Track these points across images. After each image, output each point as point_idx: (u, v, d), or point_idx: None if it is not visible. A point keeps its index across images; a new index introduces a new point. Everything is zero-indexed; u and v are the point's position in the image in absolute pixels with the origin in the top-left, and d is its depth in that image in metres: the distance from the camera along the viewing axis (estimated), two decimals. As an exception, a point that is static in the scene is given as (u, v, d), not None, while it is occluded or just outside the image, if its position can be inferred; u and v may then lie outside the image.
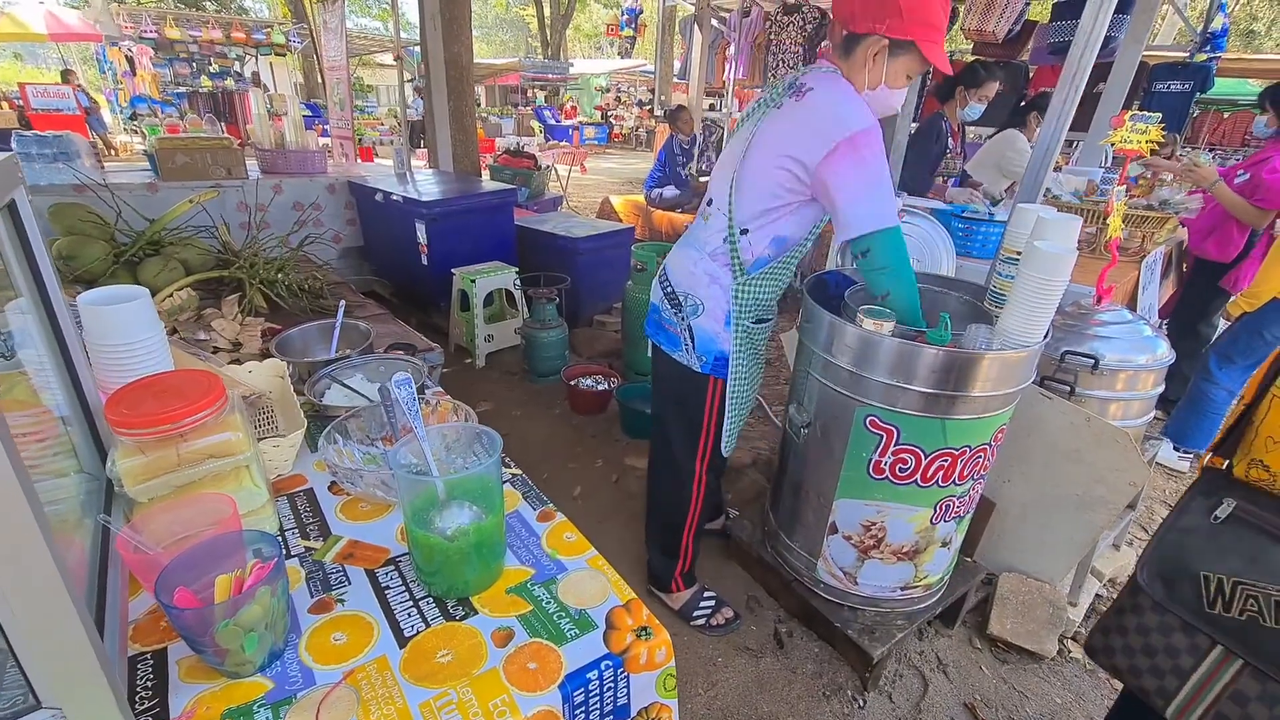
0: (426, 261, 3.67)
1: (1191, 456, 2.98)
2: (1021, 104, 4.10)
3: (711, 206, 1.57)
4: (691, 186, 5.69)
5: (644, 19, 9.63)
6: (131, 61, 10.31)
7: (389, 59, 13.70)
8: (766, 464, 2.67)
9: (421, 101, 9.26)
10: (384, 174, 4.46)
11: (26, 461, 0.50)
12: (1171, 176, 3.14)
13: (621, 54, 10.70)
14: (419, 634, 0.83)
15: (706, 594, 1.95)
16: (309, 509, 1.07)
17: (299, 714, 0.71)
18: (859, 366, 1.46)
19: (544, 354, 3.33)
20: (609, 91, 20.70)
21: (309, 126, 4.65)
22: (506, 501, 1.09)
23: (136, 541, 0.76)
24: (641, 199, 5.80)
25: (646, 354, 3.13)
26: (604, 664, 0.82)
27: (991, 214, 2.60)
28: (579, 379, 3.16)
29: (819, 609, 1.77)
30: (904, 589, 1.70)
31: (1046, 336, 1.46)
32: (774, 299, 1.60)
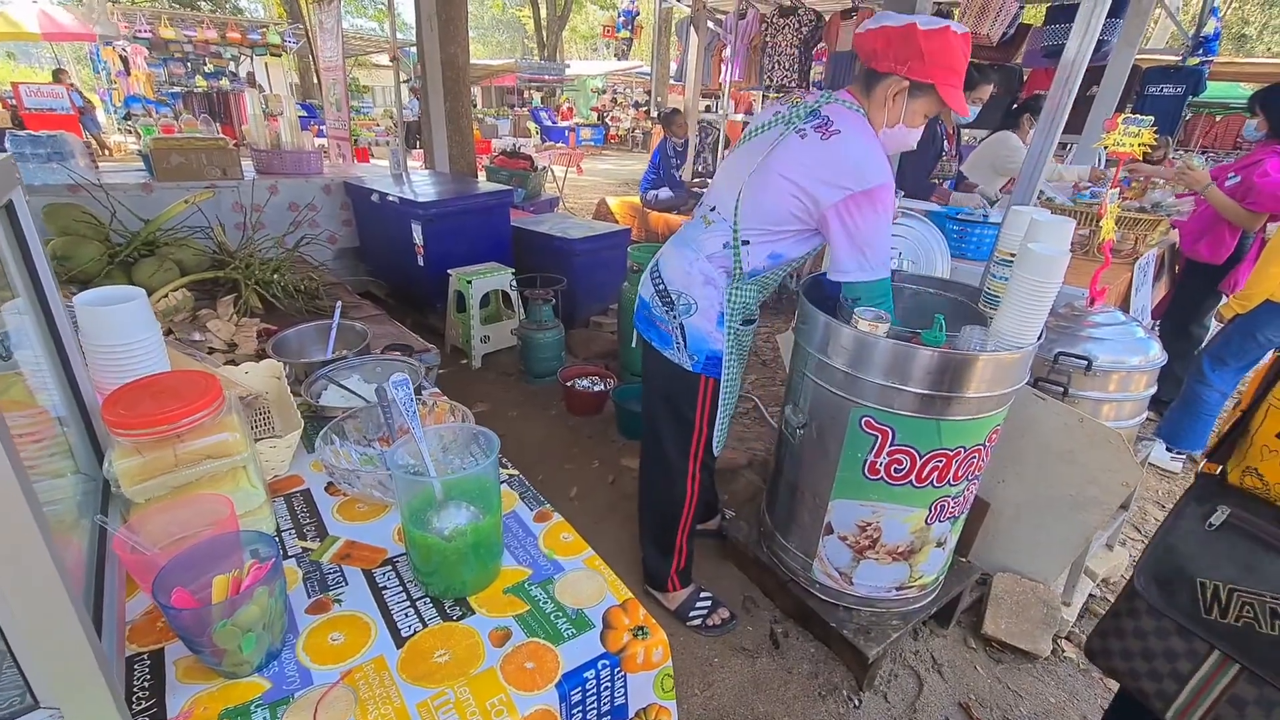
0: (422, 262, 3.67)
1: (1184, 458, 3.00)
2: (1014, 106, 4.12)
3: (715, 213, 1.58)
4: (686, 187, 5.70)
5: (640, 21, 9.65)
6: (126, 61, 10.28)
7: (385, 59, 13.68)
8: (762, 465, 2.68)
9: (417, 102, 9.26)
10: (380, 175, 4.45)
11: (23, 462, 0.50)
12: (1162, 181, 3.17)
13: (618, 55, 10.71)
14: (416, 634, 0.83)
15: (703, 594, 1.95)
16: (306, 510, 1.07)
17: (296, 714, 0.72)
18: (854, 368, 1.47)
19: (540, 355, 3.33)
20: (605, 93, 20.73)
21: (304, 127, 4.64)
22: (504, 502, 1.09)
23: (134, 542, 0.76)
24: (638, 200, 5.80)
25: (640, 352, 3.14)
26: (601, 663, 0.82)
27: (986, 216, 2.61)
28: (575, 380, 3.17)
29: (815, 609, 1.78)
30: (899, 589, 1.71)
31: (1040, 338, 1.47)
32: (759, 302, 1.65)
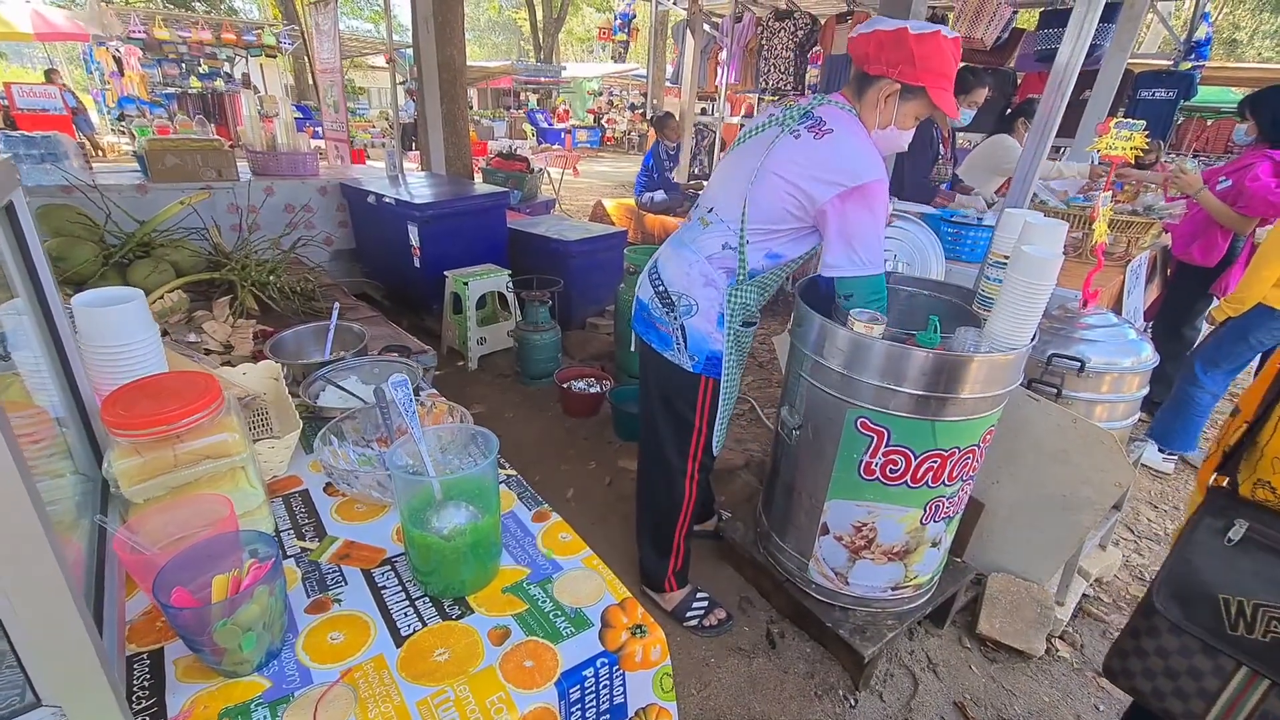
0: (419, 264, 3.66)
1: (1176, 458, 3.02)
2: (1008, 110, 4.15)
3: (712, 214, 1.59)
4: (680, 189, 5.73)
5: (637, 24, 9.66)
6: (119, 62, 10.23)
7: (380, 61, 13.66)
8: (759, 466, 2.69)
9: (413, 104, 9.25)
10: (376, 176, 4.44)
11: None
12: (1154, 185, 3.20)
13: (614, 58, 10.72)
14: (416, 633, 0.84)
15: (699, 595, 1.96)
16: (304, 510, 1.07)
17: (297, 712, 0.72)
18: (850, 369, 1.48)
19: (537, 356, 3.33)
20: (601, 95, 20.75)
21: (299, 128, 4.63)
22: (502, 502, 1.09)
23: (133, 542, 0.76)
24: (634, 202, 5.82)
25: (637, 354, 3.15)
26: (600, 662, 0.83)
27: (980, 219, 2.63)
28: (572, 381, 3.17)
29: (811, 609, 1.79)
30: (894, 589, 1.72)
31: (1033, 339, 1.49)
32: (759, 304, 1.64)
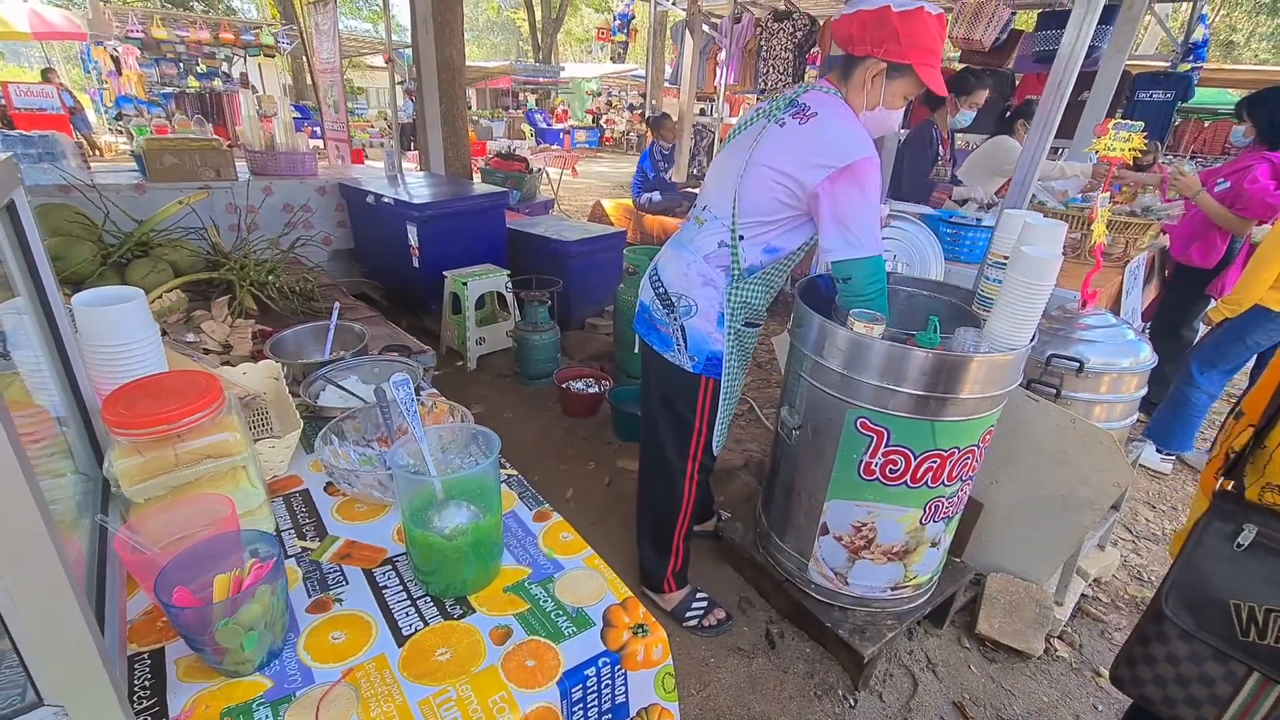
0: (418, 264, 3.66)
1: (1174, 459, 3.03)
2: (1007, 112, 4.16)
3: (707, 212, 1.58)
4: (677, 189, 5.74)
5: (635, 24, 9.66)
6: (117, 61, 10.21)
7: (379, 60, 13.64)
8: (758, 466, 2.69)
9: (412, 104, 9.24)
10: (375, 176, 4.44)
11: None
12: (1151, 187, 3.21)
13: (613, 58, 10.72)
14: (417, 632, 0.84)
15: (699, 595, 1.96)
16: (305, 509, 1.07)
17: (299, 712, 0.72)
18: (849, 369, 1.48)
19: (536, 357, 3.33)
20: (600, 95, 20.76)
21: (298, 128, 4.63)
22: (503, 502, 1.09)
23: (134, 541, 0.76)
24: (632, 203, 5.82)
25: (638, 356, 3.15)
26: (601, 661, 0.83)
27: (979, 219, 2.64)
28: (571, 382, 3.17)
29: (810, 609, 1.79)
30: (894, 589, 1.72)
31: (1033, 340, 1.49)
32: (764, 303, 1.62)
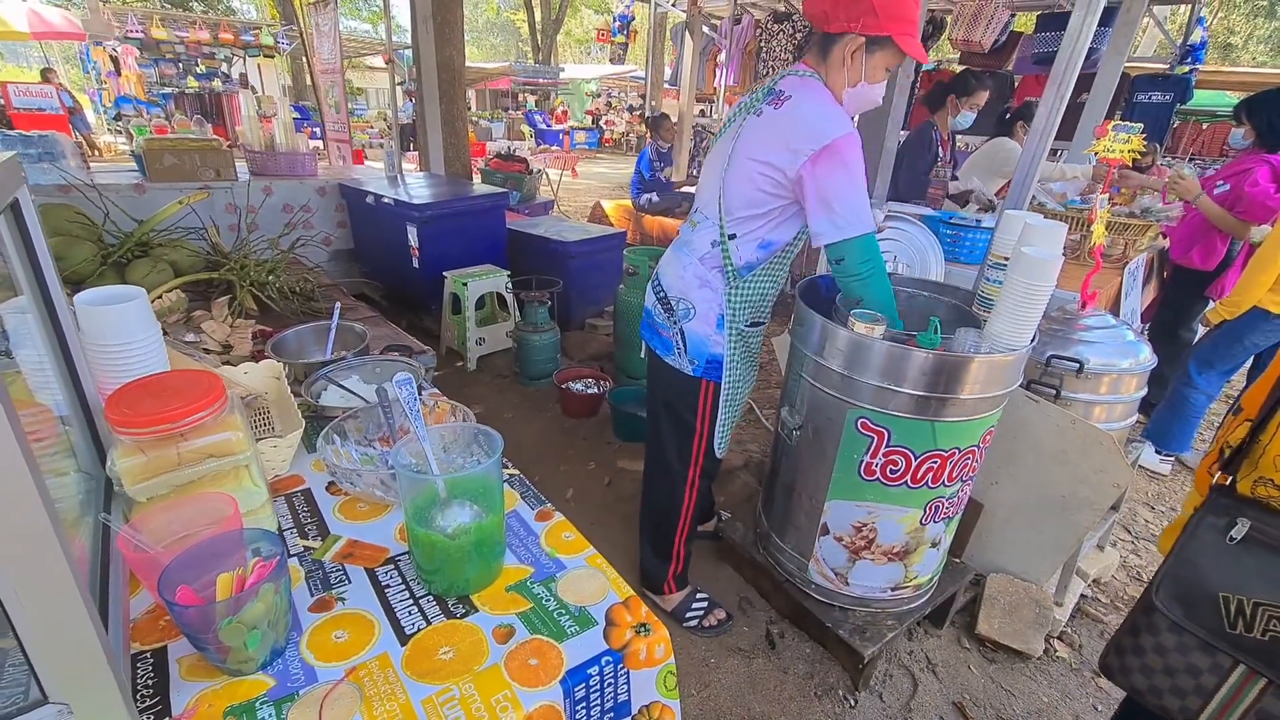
0: (418, 264, 3.66)
1: (1172, 460, 3.04)
2: (1007, 113, 4.17)
3: (699, 214, 1.59)
4: (671, 187, 5.76)
5: (635, 25, 9.67)
6: (116, 61, 10.21)
7: (378, 61, 13.65)
8: (758, 467, 2.69)
9: (412, 104, 9.24)
10: (375, 176, 4.44)
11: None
12: (1152, 191, 3.22)
13: (613, 60, 10.72)
14: (420, 631, 0.84)
15: (699, 596, 1.96)
16: (307, 509, 1.07)
17: (302, 710, 0.72)
18: (850, 369, 1.48)
19: (536, 357, 3.33)
20: (600, 96, 20.77)
21: (297, 129, 4.64)
22: (505, 501, 1.09)
23: (137, 540, 0.76)
24: (631, 204, 5.83)
25: (638, 357, 3.14)
26: (604, 660, 0.83)
27: (979, 220, 2.64)
28: (570, 382, 3.17)
29: (810, 610, 1.79)
30: (894, 589, 1.72)
31: (1033, 340, 1.49)
32: (768, 301, 1.62)
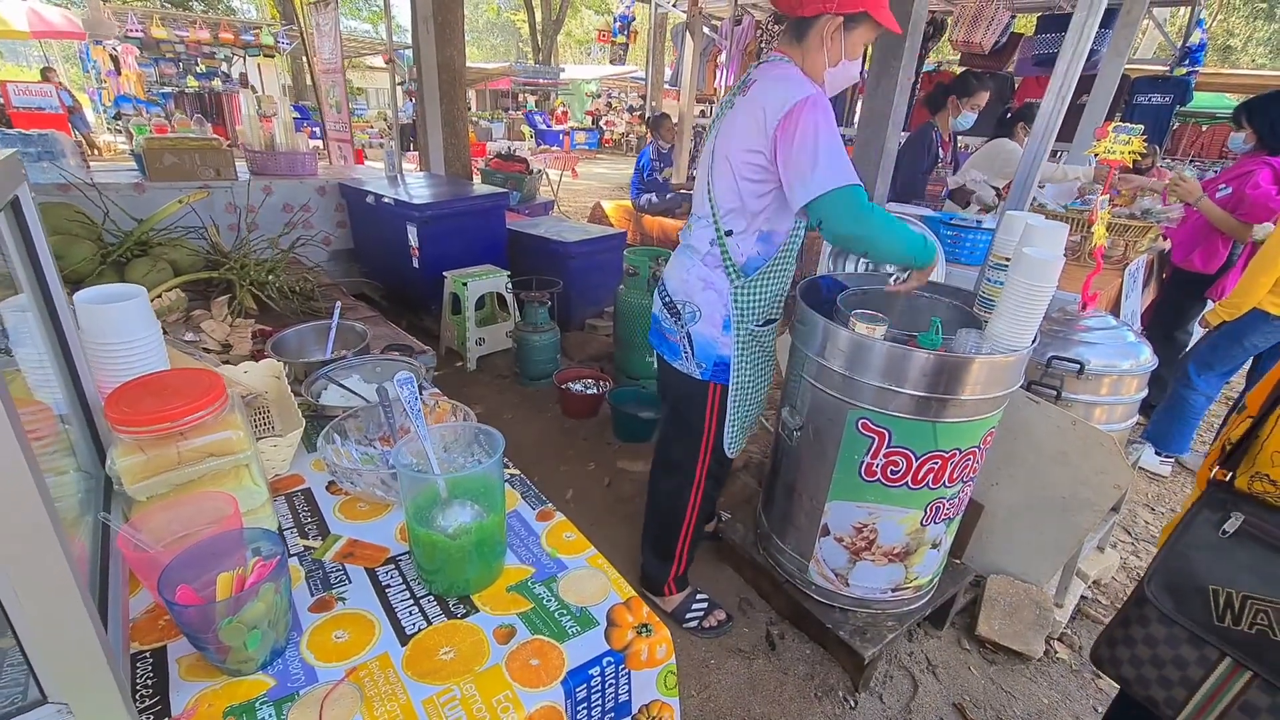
0: (417, 264, 3.66)
1: (1172, 461, 3.04)
2: (1007, 114, 4.18)
3: (695, 214, 1.60)
4: (669, 187, 5.76)
5: (636, 26, 9.67)
6: (116, 60, 10.20)
7: (378, 61, 13.66)
8: (759, 467, 2.69)
9: (412, 104, 9.24)
10: (375, 176, 4.44)
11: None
12: (1152, 193, 3.22)
13: (613, 60, 10.73)
14: (421, 631, 0.83)
15: (699, 596, 1.95)
16: (307, 508, 1.07)
17: (302, 711, 0.71)
18: (851, 370, 1.48)
19: (536, 357, 3.33)
20: (600, 97, 20.77)
21: (297, 129, 4.63)
22: (506, 501, 1.09)
23: (136, 539, 0.75)
24: (631, 204, 5.83)
25: (640, 358, 3.15)
26: (606, 660, 0.82)
27: (979, 221, 2.64)
28: (570, 382, 3.17)
29: (811, 610, 1.79)
30: (894, 590, 1.72)
31: (1034, 341, 1.49)
32: (779, 297, 1.60)
